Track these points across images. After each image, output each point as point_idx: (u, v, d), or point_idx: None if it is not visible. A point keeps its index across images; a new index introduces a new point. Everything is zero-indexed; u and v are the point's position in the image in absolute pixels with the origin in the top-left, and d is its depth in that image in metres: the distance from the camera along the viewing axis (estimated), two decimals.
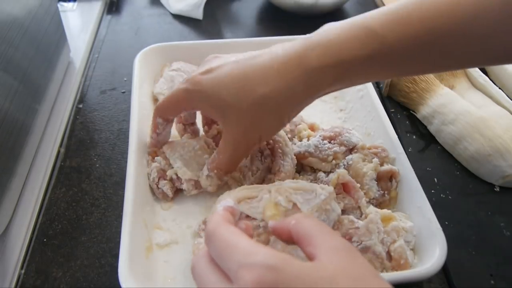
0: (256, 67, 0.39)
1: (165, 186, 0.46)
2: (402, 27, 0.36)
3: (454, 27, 0.36)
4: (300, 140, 0.51)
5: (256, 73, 0.39)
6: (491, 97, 0.58)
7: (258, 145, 0.44)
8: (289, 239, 0.29)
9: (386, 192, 0.46)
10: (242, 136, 0.41)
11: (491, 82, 0.60)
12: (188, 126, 0.50)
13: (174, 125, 0.50)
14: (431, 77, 0.59)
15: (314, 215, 0.38)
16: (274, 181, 0.45)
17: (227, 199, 0.32)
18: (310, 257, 0.27)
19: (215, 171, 0.44)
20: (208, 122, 0.50)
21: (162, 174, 0.47)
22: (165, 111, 0.46)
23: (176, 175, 0.46)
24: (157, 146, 0.49)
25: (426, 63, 0.39)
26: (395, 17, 0.37)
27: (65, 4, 0.84)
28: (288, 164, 0.46)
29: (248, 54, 0.41)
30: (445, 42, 0.36)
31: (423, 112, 0.58)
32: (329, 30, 0.39)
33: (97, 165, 0.54)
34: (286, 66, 0.38)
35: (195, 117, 0.50)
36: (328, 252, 0.26)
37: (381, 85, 0.64)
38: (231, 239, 0.27)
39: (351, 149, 0.49)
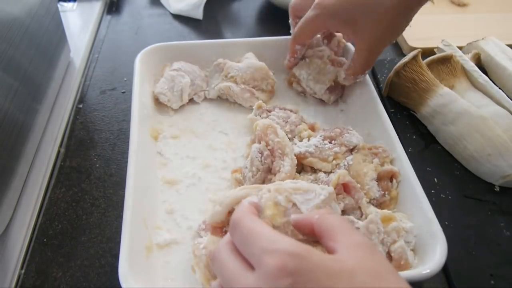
0: None
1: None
2: None
3: None
4: (301, 140, 0.51)
5: None
6: (491, 97, 0.58)
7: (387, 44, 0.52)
8: (310, 233, 0.30)
9: (386, 193, 0.46)
10: (377, 42, 0.49)
11: (491, 82, 0.60)
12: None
13: None
14: (431, 77, 0.59)
15: None
16: (274, 182, 0.45)
17: (253, 196, 0.33)
18: (330, 251, 0.28)
19: (352, 76, 0.54)
20: (327, 36, 0.59)
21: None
22: (302, 38, 0.55)
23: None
24: (292, 68, 0.60)
25: None
26: None
27: (65, 4, 0.84)
28: (288, 164, 0.46)
29: None
30: None
31: (423, 112, 0.58)
32: None
33: (97, 165, 0.54)
34: None
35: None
36: (349, 247, 0.27)
37: (381, 85, 0.64)
38: (256, 227, 0.28)
39: (351, 149, 0.49)
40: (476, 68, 0.62)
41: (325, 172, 0.48)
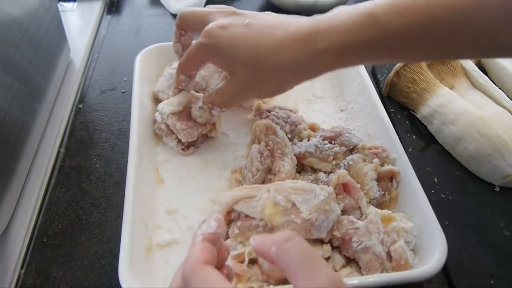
0: (269, 39, 0.42)
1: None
2: (405, 16, 0.39)
3: (455, 17, 0.37)
4: (301, 140, 0.51)
5: (268, 44, 0.42)
6: (491, 97, 0.58)
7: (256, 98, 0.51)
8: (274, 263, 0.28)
9: (386, 193, 0.46)
10: (243, 91, 0.45)
11: (491, 82, 0.60)
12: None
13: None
14: (431, 77, 0.59)
15: (313, 215, 0.38)
16: (274, 182, 0.45)
17: (210, 222, 0.29)
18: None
19: (209, 105, 0.48)
20: None
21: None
22: (186, 67, 0.50)
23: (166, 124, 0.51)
24: None
25: (425, 51, 0.41)
26: (400, 5, 0.39)
27: (65, 4, 0.84)
28: (288, 164, 0.46)
29: (261, 21, 0.44)
30: (445, 32, 0.38)
31: (423, 112, 0.58)
32: (337, 16, 0.42)
33: (97, 165, 0.54)
34: (296, 45, 0.41)
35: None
36: None
37: (381, 85, 0.64)
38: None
39: (351, 149, 0.49)
40: (476, 68, 0.62)
41: (325, 172, 0.48)
